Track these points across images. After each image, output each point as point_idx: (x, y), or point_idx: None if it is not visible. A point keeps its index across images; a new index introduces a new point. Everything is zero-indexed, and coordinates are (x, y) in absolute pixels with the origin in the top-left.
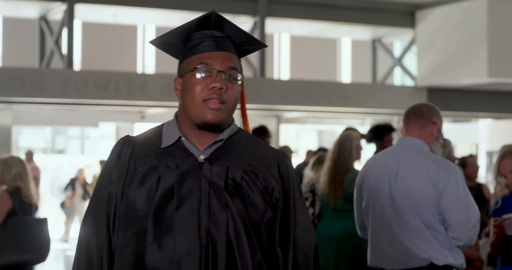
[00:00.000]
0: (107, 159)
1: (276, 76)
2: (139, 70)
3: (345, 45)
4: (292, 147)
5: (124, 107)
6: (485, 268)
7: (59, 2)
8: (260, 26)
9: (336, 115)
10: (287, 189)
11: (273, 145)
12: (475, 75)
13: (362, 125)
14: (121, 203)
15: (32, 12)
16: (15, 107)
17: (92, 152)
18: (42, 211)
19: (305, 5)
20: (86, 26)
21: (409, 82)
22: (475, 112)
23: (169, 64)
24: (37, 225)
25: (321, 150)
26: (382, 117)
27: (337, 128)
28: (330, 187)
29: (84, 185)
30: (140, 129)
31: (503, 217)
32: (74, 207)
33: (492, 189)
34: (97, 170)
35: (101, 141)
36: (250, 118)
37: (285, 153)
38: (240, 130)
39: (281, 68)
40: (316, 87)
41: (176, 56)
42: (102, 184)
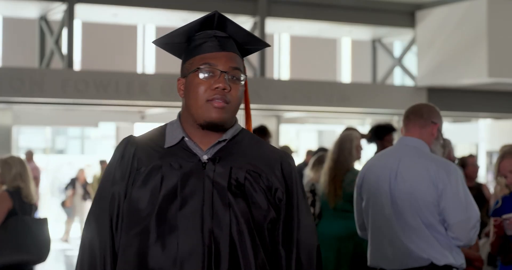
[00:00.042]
0: (110, 159)
1: (276, 76)
2: (139, 70)
3: (345, 45)
4: (292, 147)
5: (124, 107)
6: (485, 268)
7: (59, 2)
8: (260, 26)
9: (336, 115)
10: (290, 189)
11: (273, 145)
12: (475, 75)
13: (362, 125)
14: (124, 203)
15: (32, 12)
16: (15, 107)
17: (92, 152)
18: (42, 211)
19: (305, 5)
20: (86, 26)
21: (409, 82)
22: (475, 112)
23: (169, 64)
24: (37, 225)
25: (321, 150)
26: (382, 117)
27: (337, 128)
28: (330, 187)
29: (85, 185)
30: (140, 129)
31: (503, 217)
32: (74, 207)
33: (492, 189)
34: (97, 170)
35: (101, 141)
36: None
37: (288, 153)
38: (243, 131)
39: (281, 68)
40: (316, 87)
41: (179, 56)
42: (105, 184)
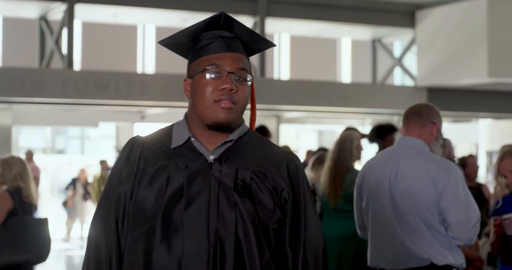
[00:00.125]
0: (116, 159)
1: (276, 76)
2: (139, 70)
3: (345, 45)
4: (292, 147)
5: (124, 107)
6: (485, 268)
7: (59, 2)
8: (260, 26)
9: (336, 115)
10: (296, 190)
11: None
12: (475, 75)
13: (362, 125)
14: (130, 203)
15: (32, 12)
16: (15, 107)
17: (92, 152)
18: (42, 211)
19: (305, 5)
20: (86, 26)
21: (409, 82)
22: (475, 112)
23: (169, 64)
24: (37, 225)
25: (321, 150)
26: (382, 117)
27: (337, 128)
28: (330, 187)
29: (85, 185)
30: (140, 129)
31: (503, 217)
32: (75, 207)
33: (492, 189)
34: (97, 170)
35: (101, 141)
36: None
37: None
38: (250, 131)
39: (281, 68)
40: (316, 87)
41: (185, 57)
42: (111, 184)
